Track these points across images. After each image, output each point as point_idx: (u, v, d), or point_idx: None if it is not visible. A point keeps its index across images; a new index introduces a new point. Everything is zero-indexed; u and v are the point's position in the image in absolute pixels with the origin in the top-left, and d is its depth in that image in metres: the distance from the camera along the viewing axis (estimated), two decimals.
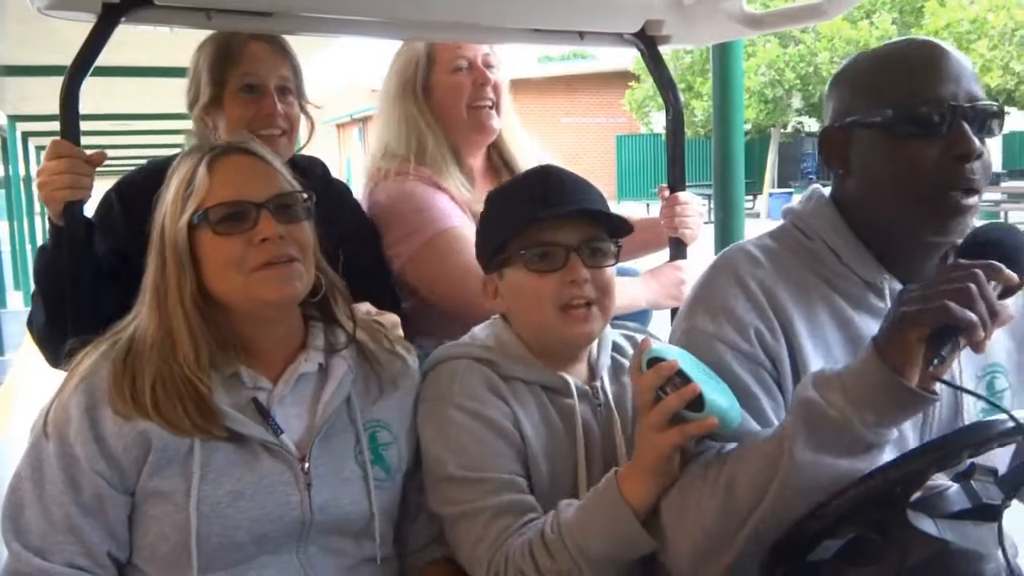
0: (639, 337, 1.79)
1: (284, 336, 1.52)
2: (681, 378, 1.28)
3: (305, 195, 1.50)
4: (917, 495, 1.20)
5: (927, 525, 1.17)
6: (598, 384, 1.63)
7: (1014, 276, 1.17)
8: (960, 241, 1.35)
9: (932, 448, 1.20)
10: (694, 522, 1.28)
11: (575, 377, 1.60)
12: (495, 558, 1.43)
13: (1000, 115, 1.32)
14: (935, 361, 1.13)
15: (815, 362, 1.35)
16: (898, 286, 1.38)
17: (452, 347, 1.64)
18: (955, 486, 1.22)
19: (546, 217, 1.52)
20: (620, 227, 1.59)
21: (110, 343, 1.45)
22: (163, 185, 1.49)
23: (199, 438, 1.38)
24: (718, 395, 1.28)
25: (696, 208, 2.28)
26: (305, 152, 2.26)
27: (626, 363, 1.69)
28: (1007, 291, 1.19)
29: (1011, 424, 1.14)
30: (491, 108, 2.21)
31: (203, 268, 1.43)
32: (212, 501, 1.38)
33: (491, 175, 2.30)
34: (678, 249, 2.29)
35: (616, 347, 1.71)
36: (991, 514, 1.20)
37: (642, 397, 1.33)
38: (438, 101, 2.20)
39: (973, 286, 1.12)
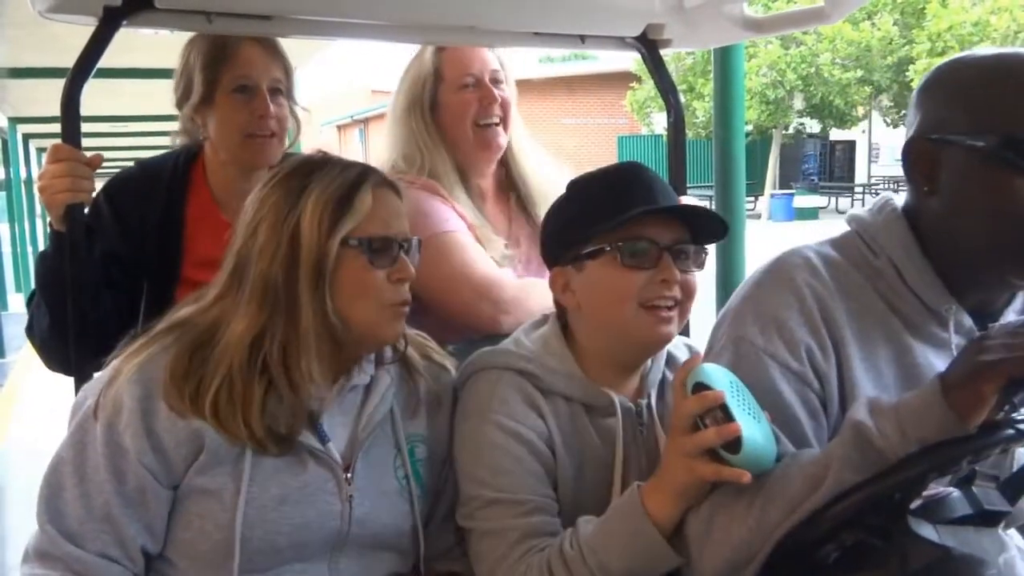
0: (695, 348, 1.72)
1: None
2: (724, 413, 1.23)
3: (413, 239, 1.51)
4: (919, 501, 1.19)
5: (928, 531, 1.16)
6: (643, 402, 1.57)
7: None
8: None
9: (931, 454, 1.19)
10: (723, 539, 1.26)
11: (622, 394, 1.55)
12: (513, 574, 1.41)
13: None
14: (1007, 408, 1.09)
15: (864, 386, 1.29)
16: (964, 317, 1.31)
17: (493, 354, 1.57)
18: (957, 492, 1.22)
19: (656, 211, 1.46)
20: (713, 233, 1.52)
21: (174, 336, 1.42)
22: (297, 187, 1.43)
23: (252, 446, 1.37)
24: (758, 435, 1.22)
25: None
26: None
27: None
28: None
29: (1011, 431, 1.14)
30: (497, 125, 2.17)
31: (337, 288, 1.41)
32: (259, 504, 1.38)
33: (501, 195, 2.26)
34: None
35: (670, 359, 1.64)
36: (993, 520, 1.20)
37: (680, 421, 1.28)
38: (445, 119, 2.16)
39: None
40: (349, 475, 1.45)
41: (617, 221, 1.45)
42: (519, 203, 2.24)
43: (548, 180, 2.19)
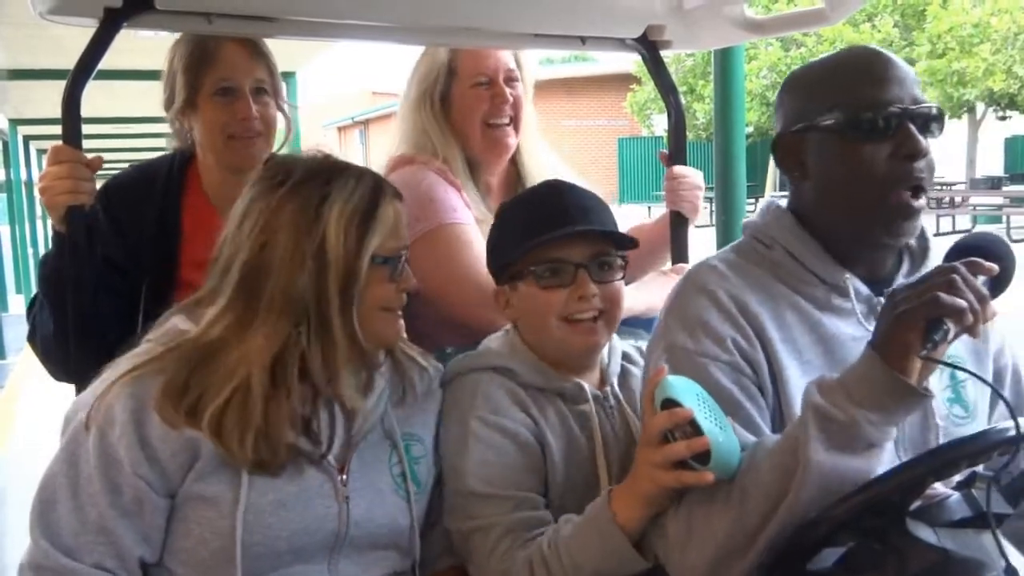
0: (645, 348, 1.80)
1: None
2: (693, 427, 1.27)
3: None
4: (917, 504, 1.19)
5: (926, 534, 1.16)
6: (608, 389, 1.66)
7: (994, 266, 1.23)
8: (912, 242, 1.47)
9: (929, 457, 1.20)
10: (705, 538, 1.29)
11: (588, 383, 1.63)
12: (499, 569, 1.45)
13: (940, 117, 1.39)
14: (928, 346, 1.17)
15: (789, 364, 1.39)
16: (860, 284, 1.42)
17: (469, 359, 1.66)
18: (956, 495, 1.22)
19: (554, 239, 1.55)
20: (626, 242, 1.62)
21: (172, 354, 1.40)
22: (316, 198, 1.42)
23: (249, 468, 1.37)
24: (725, 445, 1.26)
25: (693, 181, 2.23)
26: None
27: (634, 370, 1.71)
28: (996, 286, 1.24)
29: (1010, 433, 1.14)
30: (508, 125, 2.16)
31: (361, 301, 1.44)
32: (256, 509, 1.38)
33: (509, 192, 2.24)
34: (679, 226, 2.25)
35: (625, 356, 1.74)
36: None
37: (649, 436, 1.33)
38: (456, 114, 2.14)
39: (957, 276, 1.18)
40: (344, 477, 1.46)
41: (524, 248, 1.56)
42: None
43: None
